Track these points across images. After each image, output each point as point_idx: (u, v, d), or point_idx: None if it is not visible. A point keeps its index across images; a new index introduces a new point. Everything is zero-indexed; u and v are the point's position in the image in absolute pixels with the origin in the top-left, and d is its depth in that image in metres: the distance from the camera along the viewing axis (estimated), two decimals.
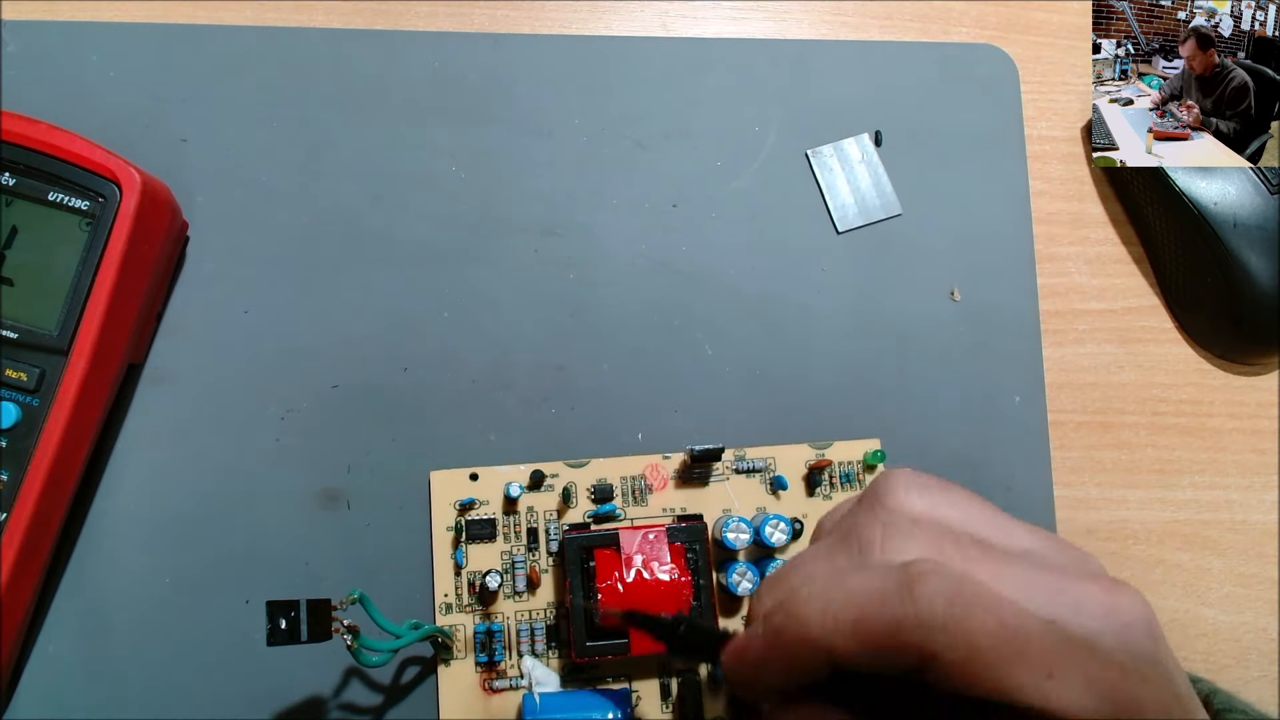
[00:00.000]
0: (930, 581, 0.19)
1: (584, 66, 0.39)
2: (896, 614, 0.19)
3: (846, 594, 0.20)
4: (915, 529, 0.21)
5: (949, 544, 0.21)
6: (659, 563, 0.30)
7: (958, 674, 0.18)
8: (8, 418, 0.30)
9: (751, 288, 0.37)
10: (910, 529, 0.22)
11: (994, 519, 0.23)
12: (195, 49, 0.37)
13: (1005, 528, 0.22)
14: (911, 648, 0.19)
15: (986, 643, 0.18)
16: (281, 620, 0.26)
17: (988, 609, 0.19)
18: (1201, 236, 0.38)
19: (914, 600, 0.19)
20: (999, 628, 0.18)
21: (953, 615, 0.18)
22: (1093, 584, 0.21)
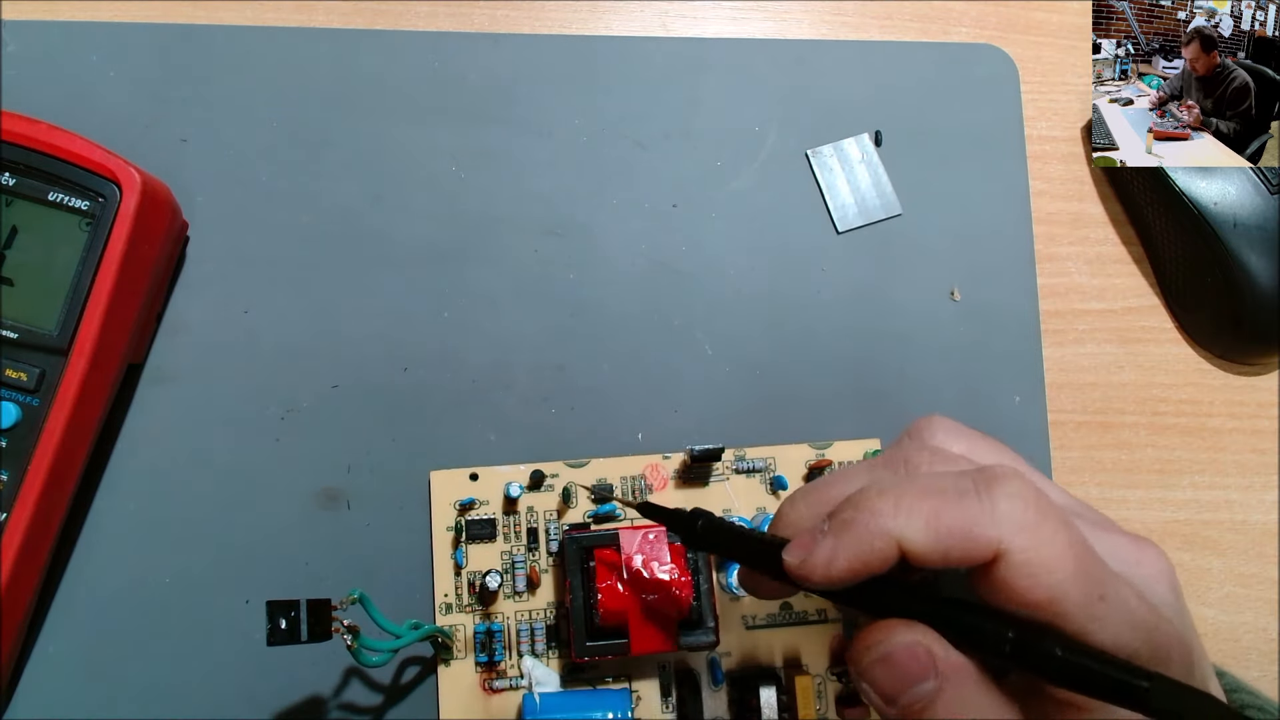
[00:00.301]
0: (1012, 483, 0.19)
1: (584, 66, 0.39)
2: (975, 510, 0.19)
3: (922, 489, 0.20)
4: (962, 462, 0.22)
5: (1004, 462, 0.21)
6: (659, 563, 0.30)
7: (1021, 577, 0.19)
8: (8, 418, 0.30)
9: (751, 288, 0.37)
10: (958, 462, 0.22)
11: (1033, 472, 0.23)
12: (195, 49, 0.37)
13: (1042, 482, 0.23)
14: (986, 543, 0.19)
15: (1056, 551, 0.19)
16: (281, 620, 0.26)
17: (1063, 519, 0.19)
18: (1201, 236, 0.38)
19: (993, 498, 0.19)
20: (1070, 541, 0.19)
21: (1030, 518, 0.19)
22: (1121, 535, 0.21)
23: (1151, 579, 0.21)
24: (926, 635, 0.20)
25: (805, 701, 0.32)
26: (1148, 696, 0.18)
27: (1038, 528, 0.19)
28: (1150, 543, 0.22)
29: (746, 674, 0.33)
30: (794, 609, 0.34)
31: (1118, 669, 0.18)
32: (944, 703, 0.19)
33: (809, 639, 0.33)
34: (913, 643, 0.20)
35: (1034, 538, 0.19)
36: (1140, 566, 0.21)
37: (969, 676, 0.19)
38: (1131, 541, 0.22)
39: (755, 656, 0.33)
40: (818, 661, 0.33)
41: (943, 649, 0.19)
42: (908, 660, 0.19)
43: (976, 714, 0.19)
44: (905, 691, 0.19)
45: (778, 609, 0.34)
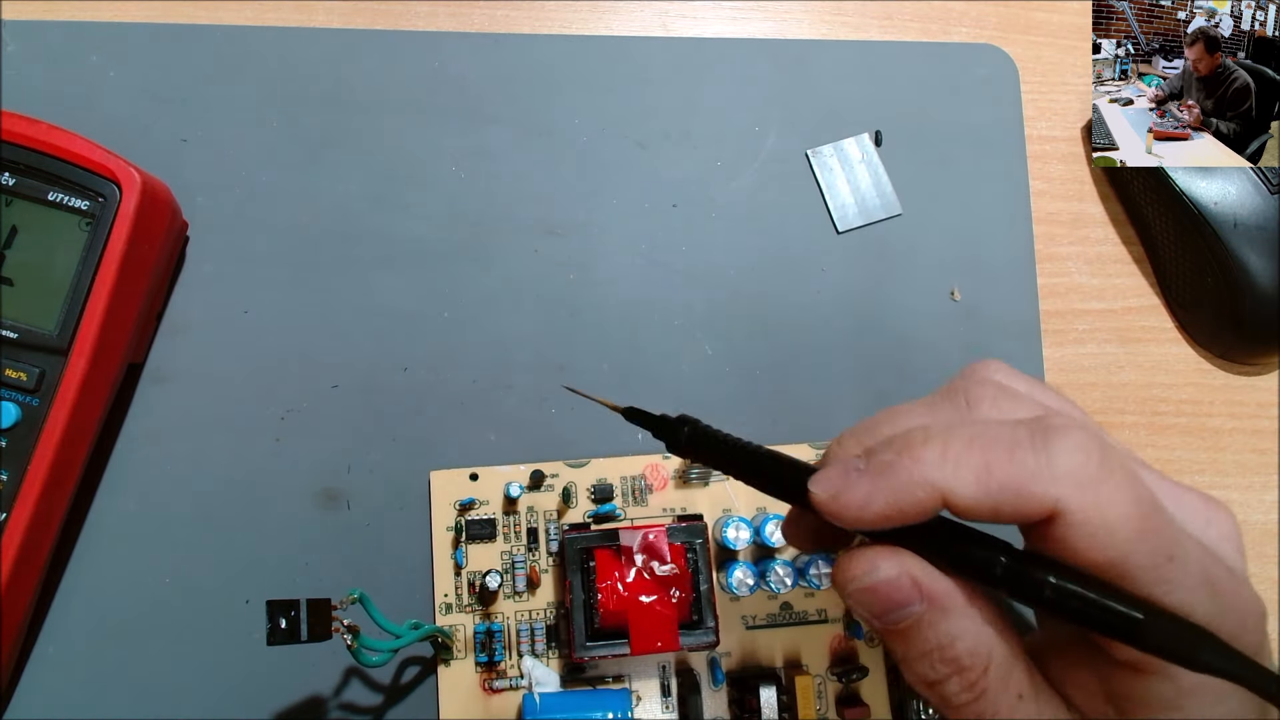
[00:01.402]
0: (1072, 436, 0.18)
1: (584, 66, 0.39)
2: (1030, 464, 0.18)
3: (972, 437, 0.19)
4: (1025, 400, 0.20)
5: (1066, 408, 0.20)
6: (659, 563, 0.30)
7: (1080, 537, 0.18)
8: (8, 418, 0.30)
9: (751, 288, 0.37)
10: (1020, 397, 0.21)
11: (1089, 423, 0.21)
12: (195, 49, 0.37)
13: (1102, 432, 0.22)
14: (1040, 501, 0.18)
15: (1120, 511, 0.17)
16: (281, 620, 0.26)
17: (1129, 477, 0.18)
18: (1201, 236, 0.38)
19: (1051, 452, 0.18)
20: (1136, 500, 0.18)
21: (1090, 475, 0.18)
22: (1191, 492, 0.20)
23: (1222, 540, 0.20)
24: (911, 563, 0.19)
25: (805, 701, 0.32)
26: (1140, 630, 0.17)
27: (1099, 485, 0.18)
28: (1221, 503, 0.21)
29: (746, 674, 0.33)
30: (794, 609, 0.34)
31: (1110, 597, 0.18)
32: (929, 626, 0.19)
33: (809, 639, 0.33)
34: (897, 575, 0.19)
35: (1095, 495, 0.18)
36: (1211, 526, 0.20)
37: (956, 602, 0.19)
38: (1203, 500, 0.20)
39: (755, 656, 0.33)
40: (818, 661, 0.33)
41: (928, 575, 0.19)
42: (891, 591, 0.19)
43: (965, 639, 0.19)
44: (890, 613, 0.19)
45: (778, 609, 0.34)
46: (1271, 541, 0.37)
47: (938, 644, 0.19)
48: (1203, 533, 0.20)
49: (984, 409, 0.20)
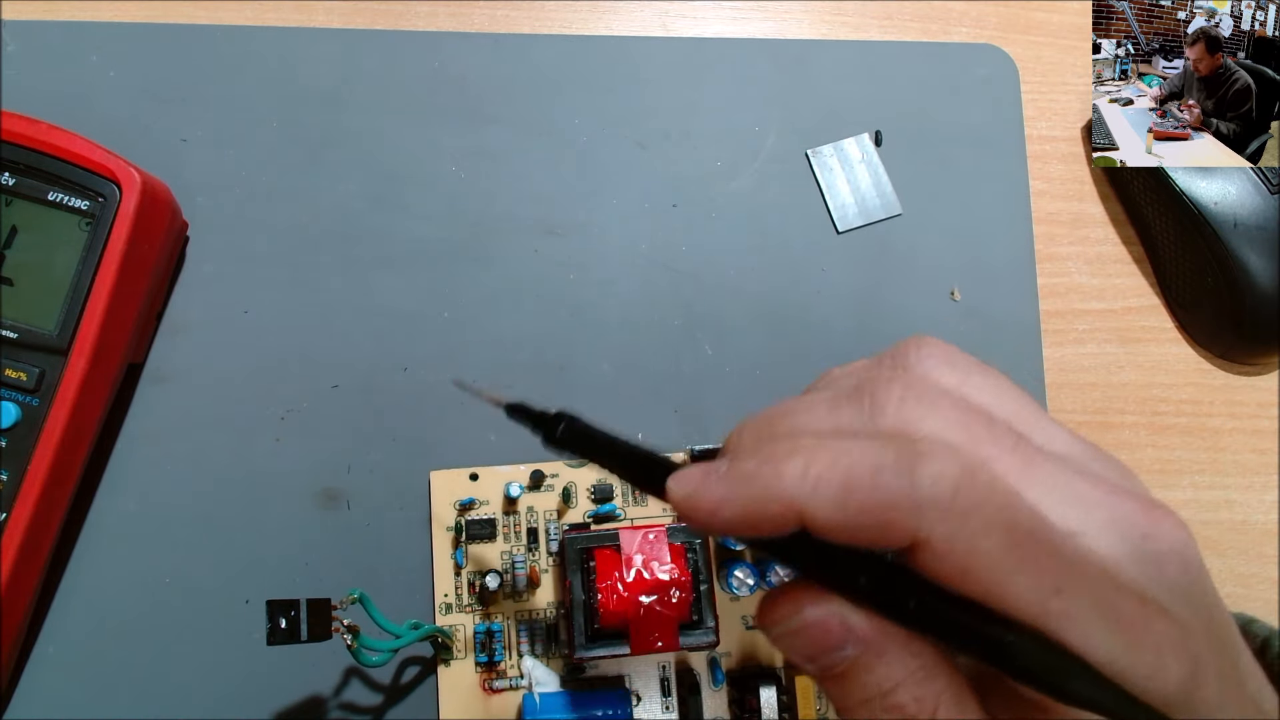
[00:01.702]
0: (940, 461, 0.17)
1: (584, 66, 0.39)
2: (892, 490, 0.16)
3: (836, 455, 0.17)
4: (942, 400, 0.19)
5: (978, 424, 0.18)
6: (659, 563, 0.30)
7: (949, 570, 0.17)
8: (8, 418, 0.30)
9: (751, 288, 0.37)
10: (936, 399, 0.19)
11: (1034, 413, 0.20)
12: (195, 49, 0.37)
13: (1044, 425, 0.20)
14: (902, 529, 0.17)
15: (990, 543, 0.16)
16: (281, 620, 0.26)
17: (1001, 505, 0.17)
18: (1201, 236, 0.38)
19: (915, 479, 0.16)
20: (1009, 529, 0.16)
21: (958, 506, 0.16)
22: (1132, 501, 0.18)
23: (1160, 556, 0.18)
24: (840, 604, 0.18)
25: (805, 701, 0.32)
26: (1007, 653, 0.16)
27: (966, 515, 0.16)
28: (1165, 510, 0.18)
29: (746, 674, 0.33)
30: None
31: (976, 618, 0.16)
32: (866, 670, 0.17)
33: None
34: (824, 616, 0.18)
35: (961, 526, 0.16)
36: (1147, 541, 0.18)
37: (893, 643, 0.17)
38: (1144, 510, 0.18)
39: (755, 656, 0.33)
40: None
41: (859, 616, 0.18)
42: (819, 634, 0.18)
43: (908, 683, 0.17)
44: (821, 657, 0.18)
45: None
46: (1271, 541, 0.37)
47: (878, 689, 0.18)
48: (1136, 548, 0.18)
49: (887, 414, 0.19)
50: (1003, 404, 0.20)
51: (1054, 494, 0.18)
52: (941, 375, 0.20)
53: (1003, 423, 0.19)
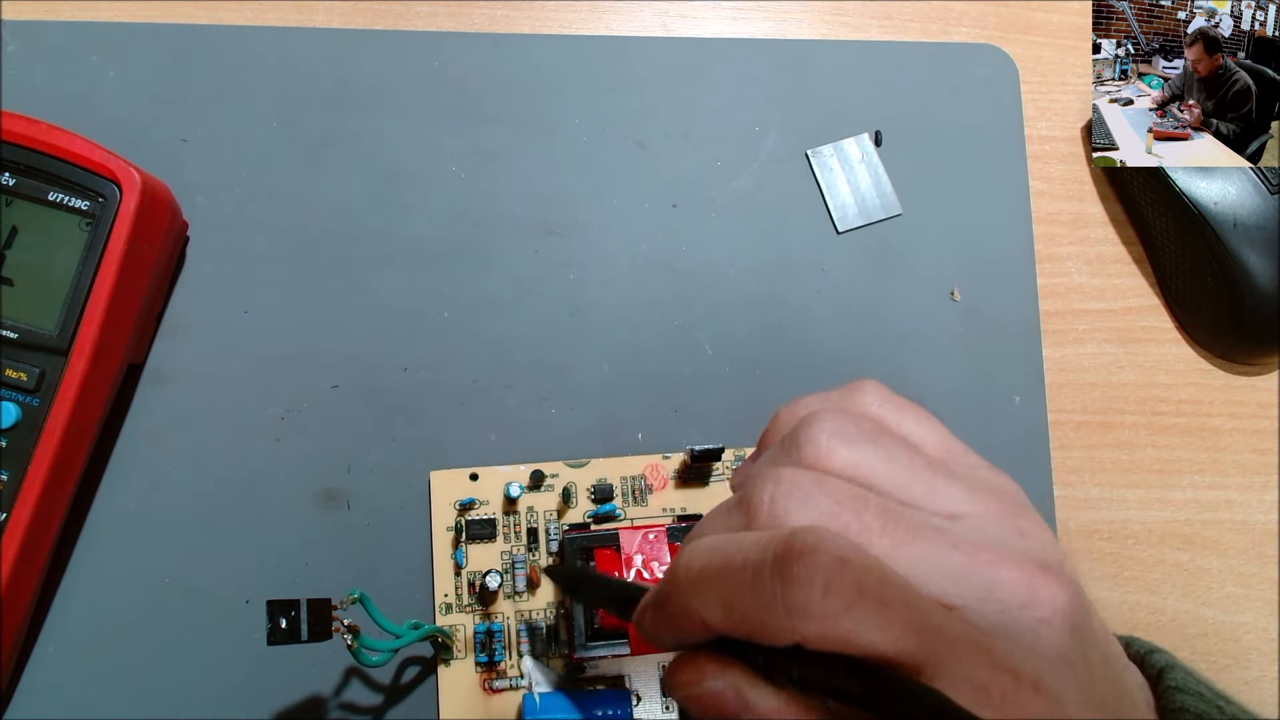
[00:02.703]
0: (807, 562, 0.17)
1: (584, 66, 0.39)
2: (766, 596, 0.17)
3: (721, 566, 0.18)
4: (815, 491, 0.19)
5: (849, 510, 0.19)
6: (659, 563, 0.30)
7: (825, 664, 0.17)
8: (8, 418, 0.30)
9: (751, 288, 0.37)
10: (809, 491, 0.19)
11: (927, 478, 0.20)
12: (195, 49, 0.37)
13: (937, 487, 0.20)
14: (782, 634, 0.17)
15: (865, 639, 0.17)
16: (282, 620, 0.26)
17: (874, 596, 0.17)
18: (1201, 236, 0.38)
19: (786, 582, 0.17)
20: (881, 622, 0.17)
21: (826, 608, 0.17)
22: (1011, 570, 0.18)
23: (1040, 624, 0.18)
24: (739, 678, 0.18)
25: None
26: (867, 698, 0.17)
27: (838, 618, 0.17)
28: (1051, 575, 0.19)
29: None
30: None
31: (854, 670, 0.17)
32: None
33: None
34: (721, 688, 0.19)
35: (833, 629, 0.17)
36: (1026, 610, 0.18)
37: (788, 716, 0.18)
38: (1024, 576, 0.18)
39: None
40: None
41: (756, 692, 0.18)
42: (716, 703, 0.19)
43: None
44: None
45: None
46: (1271, 541, 0.37)
47: None
48: (1011, 621, 0.18)
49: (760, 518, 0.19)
50: (897, 471, 0.20)
51: (928, 569, 0.18)
52: (835, 454, 0.20)
53: (875, 504, 0.19)
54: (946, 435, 0.23)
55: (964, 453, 0.23)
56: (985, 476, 0.22)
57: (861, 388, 0.23)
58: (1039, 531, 0.20)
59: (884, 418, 0.23)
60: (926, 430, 0.23)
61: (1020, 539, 0.20)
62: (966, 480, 0.21)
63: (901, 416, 0.23)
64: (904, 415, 0.23)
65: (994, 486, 0.21)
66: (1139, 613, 0.36)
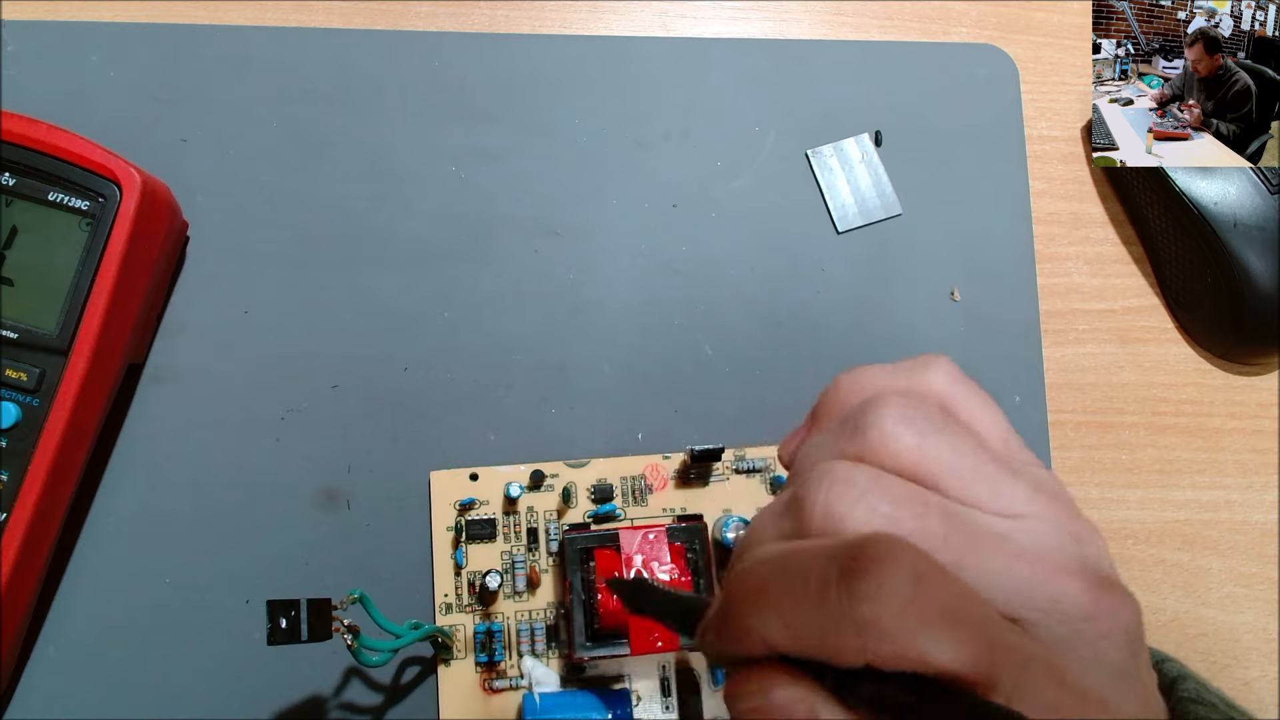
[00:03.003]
0: (878, 576, 0.16)
1: (584, 66, 0.39)
2: (834, 614, 0.16)
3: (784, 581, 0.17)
4: (873, 491, 0.18)
5: (910, 514, 0.18)
6: (659, 563, 0.30)
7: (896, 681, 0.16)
8: (8, 418, 0.30)
9: (751, 288, 0.37)
10: (866, 490, 0.18)
11: (992, 474, 0.19)
12: (195, 49, 0.37)
13: (1001, 486, 0.19)
14: (852, 653, 0.16)
15: (942, 659, 0.16)
16: (282, 620, 0.26)
17: (950, 613, 0.16)
18: (1201, 236, 0.38)
19: (855, 599, 0.16)
20: (957, 641, 0.16)
21: (901, 626, 0.16)
22: (1076, 581, 0.18)
23: (1102, 639, 0.18)
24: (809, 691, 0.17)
25: None
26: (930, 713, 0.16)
27: (912, 638, 0.16)
28: (1114, 589, 0.18)
29: None
30: None
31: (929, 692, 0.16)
32: None
33: None
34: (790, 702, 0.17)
35: (908, 648, 0.16)
36: (1090, 623, 0.18)
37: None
38: (1088, 589, 0.18)
39: None
40: None
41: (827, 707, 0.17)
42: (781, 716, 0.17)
43: None
44: None
45: None
46: (1271, 541, 0.37)
47: None
48: (1075, 634, 0.17)
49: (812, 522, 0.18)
50: (962, 464, 0.19)
51: (993, 581, 0.17)
52: (900, 440, 0.19)
53: (937, 508, 0.18)
54: (1007, 426, 0.22)
55: (1020, 447, 0.21)
56: (1041, 476, 0.21)
57: (933, 364, 0.22)
58: (1094, 537, 0.20)
59: (952, 397, 0.21)
60: (991, 419, 0.21)
61: (1076, 545, 0.19)
62: (1027, 479, 0.20)
63: (969, 397, 0.21)
64: (973, 399, 0.21)
65: (1049, 486, 0.20)
66: None
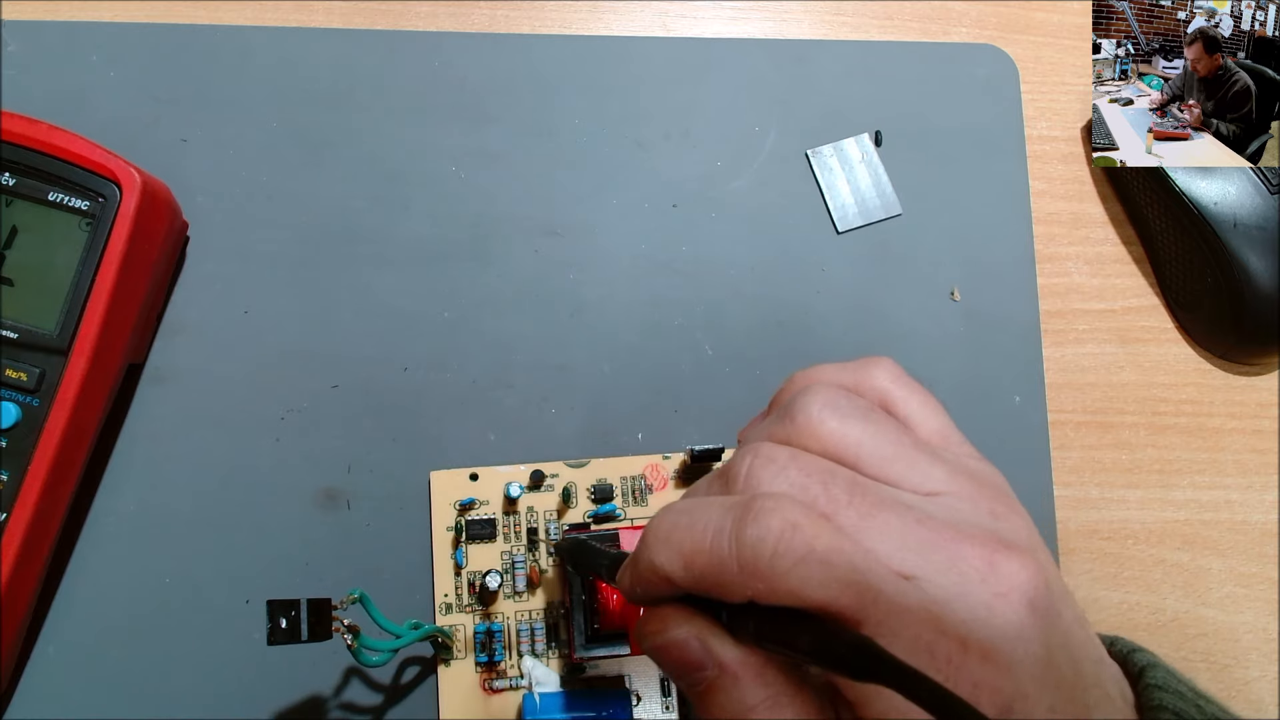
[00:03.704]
0: (761, 522, 0.18)
1: (584, 66, 0.39)
2: (722, 554, 0.19)
3: (687, 526, 0.20)
4: (790, 463, 0.20)
5: (818, 482, 0.20)
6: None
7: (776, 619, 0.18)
8: (8, 418, 0.30)
9: (751, 288, 0.37)
10: (785, 463, 0.20)
11: (910, 455, 0.21)
12: (195, 49, 0.37)
13: (919, 466, 0.21)
14: (736, 588, 0.18)
15: (810, 594, 0.18)
16: (282, 620, 0.26)
17: (819, 556, 0.18)
18: (1201, 236, 0.38)
19: (739, 542, 0.18)
20: (824, 580, 0.18)
21: (775, 566, 0.18)
22: (974, 546, 0.19)
23: (998, 598, 0.19)
24: (703, 627, 0.20)
25: None
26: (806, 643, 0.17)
27: (784, 575, 0.18)
28: (1015, 553, 0.19)
29: None
30: None
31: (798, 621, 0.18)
32: (723, 692, 0.19)
33: None
34: (684, 637, 0.20)
35: (780, 585, 0.18)
36: (986, 583, 0.19)
37: (749, 670, 0.19)
38: (986, 552, 0.19)
39: None
40: None
41: (720, 642, 0.19)
42: (681, 652, 0.20)
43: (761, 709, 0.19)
44: (684, 675, 0.20)
45: None
46: (1271, 541, 0.37)
47: (736, 712, 0.19)
48: (967, 592, 0.19)
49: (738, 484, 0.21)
50: (879, 447, 0.21)
51: (892, 542, 0.19)
52: (824, 423, 0.21)
53: (844, 478, 0.20)
54: (946, 421, 0.24)
55: (959, 441, 0.24)
56: (973, 464, 0.22)
57: (876, 362, 0.24)
58: (1012, 516, 0.21)
59: (890, 393, 0.24)
60: (928, 413, 0.24)
61: (992, 520, 0.21)
62: (950, 463, 0.22)
63: (908, 395, 0.24)
64: (910, 395, 0.24)
65: (977, 472, 0.22)
66: (1139, 613, 0.36)
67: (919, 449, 0.22)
